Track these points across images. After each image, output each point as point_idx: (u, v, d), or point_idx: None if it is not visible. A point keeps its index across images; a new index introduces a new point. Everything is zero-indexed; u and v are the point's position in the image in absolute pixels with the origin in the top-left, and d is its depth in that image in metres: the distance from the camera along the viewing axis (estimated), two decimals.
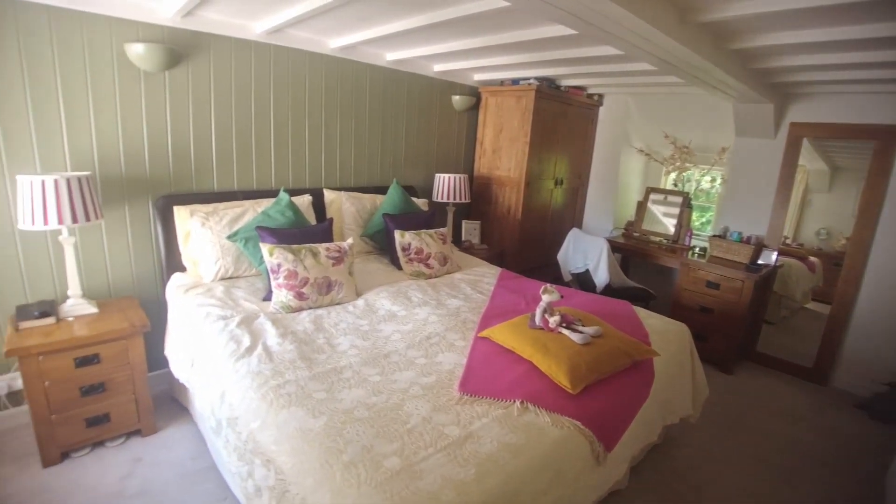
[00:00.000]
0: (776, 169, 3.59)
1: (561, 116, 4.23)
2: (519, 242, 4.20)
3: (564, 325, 2.07)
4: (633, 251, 4.20)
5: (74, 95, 2.30)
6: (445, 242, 3.23)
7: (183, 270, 2.66)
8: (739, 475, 2.40)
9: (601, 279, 3.63)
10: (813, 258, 3.74)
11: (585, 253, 3.80)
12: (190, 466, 2.19)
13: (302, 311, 2.35)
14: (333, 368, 1.83)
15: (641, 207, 4.50)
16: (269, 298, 2.41)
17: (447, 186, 3.87)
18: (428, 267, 3.06)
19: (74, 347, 2.08)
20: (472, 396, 1.69)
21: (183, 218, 2.58)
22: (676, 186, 4.57)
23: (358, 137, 3.53)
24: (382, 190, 3.54)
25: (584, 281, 3.84)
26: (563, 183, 4.52)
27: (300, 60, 3.07)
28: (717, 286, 3.47)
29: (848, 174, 3.60)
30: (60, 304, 2.29)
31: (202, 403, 2.00)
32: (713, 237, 3.77)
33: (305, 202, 3.03)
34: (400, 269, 3.10)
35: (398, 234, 3.07)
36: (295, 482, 1.34)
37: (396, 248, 3.08)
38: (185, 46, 2.57)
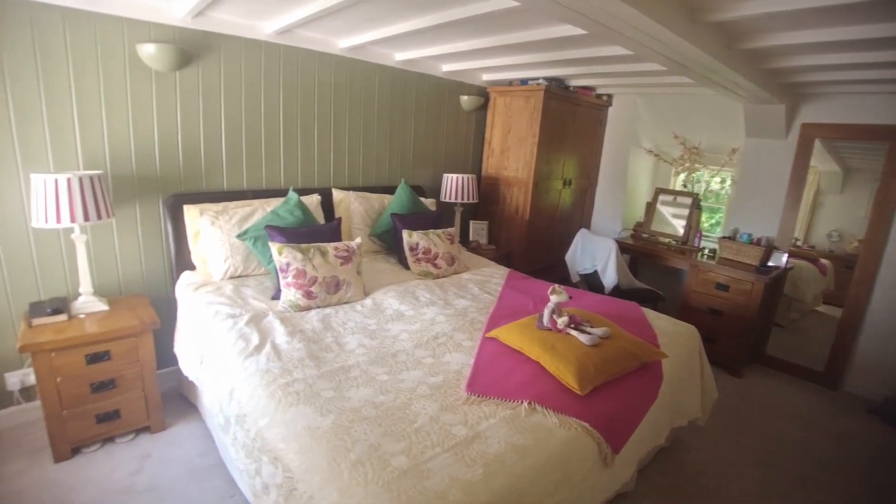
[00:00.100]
0: (787, 170, 3.56)
1: (569, 117, 4.22)
2: (527, 243, 4.19)
3: (573, 325, 2.06)
4: (641, 252, 4.17)
5: (87, 95, 2.32)
6: (453, 242, 3.24)
7: (192, 269, 2.68)
8: (748, 479, 2.38)
9: (609, 280, 3.61)
10: (824, 260, 3.69)
11: (594, 254, 3.78)
12: (198, 463, 2.21)
13: (310, 309, 2.36)
14: (341, 367, 1.84)
15: (650, 208, 4.47)
16: (277, 297, 2.43)
17: (455, 186, 3.87)
18: (436, 267, 3.06)
19: (86, 344, 2.11)
20: (479, 397, 1.69)
21: (193, 217, 2.61)
22: (686, 187, 4.53)
23: (366, 137, 3.54)
24: (390, 190, 3.55)
25: (592, 282, 3.83)
26: (571, 183, 4.50)
27: (309, 60, 3.08)
28: (726, 288, 3.44)
29: (861, 175, 3.55)
30: (72, 301, 2.32)
31: (211, 401, 2.02)
32: (723, 239, 3.74)
33: (314, 202, 3.04)
34: (408, 268, 3.10)
35: (406, 233, 3.08)
36: (302, 480, 1.34)
37: (404, 247, 3.09)
38: (195, 47, 2.60)
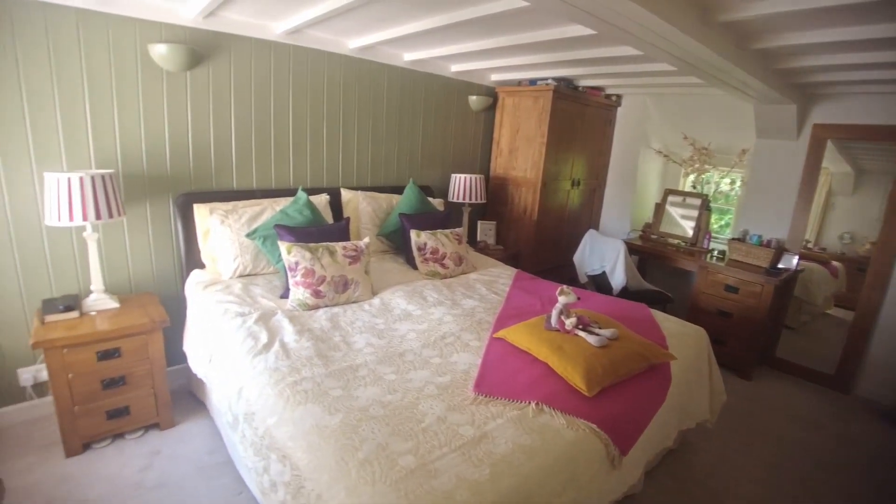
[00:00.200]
0: (798, 171, 3.52)
1: (578, 117, 4.21)
2: (535, 243, 4.18)
3: (581, 326, 2.05)
4: (650, 253, 4.15)
5: (99, 95, 2.35)
6: (461, 243, 3.23)
7: (202, 267, 2.70)
8: (757, 482, 2.36)
9: (618, 281, 3.59)
10: (835, 263, 3.65)
11: (602, 255, 3.76)
12: (206, 460, 2.23)
13: (319, 308, 2.37)
14: (349, 366, 1.85)
15: (659, 209, 4.45)
16: (286, 296, 2.44)
17: (463, 187, 3.87)
18: (443, 267, 3.07)
19: (97, 341, 2.13)
20: (486, 397, 1.69)
21: (202, 216, 2.63)
22: (695, 188, 4.50)
23: (375, 137, 3.55)
24: (399, 190, 3.55)
25: (600, 283, 3.81)
26: (580, 184, 4.49)
27: (319, 60, 3.10)
28: (735, 290, 3.42)
29: (874, 177, 3.51)
30: (84, 298, 2.35)
31: (219, 398, 2.03)
32: (732, 240, 3.71)
33: (323, 201, 3.06)
34: (415, 268, 3.11)
35: (414, 233, 3.08)
36: (310, 478, 1.35)
37: (412, 247, 3.09)
38: (206, 47, 2.62)
